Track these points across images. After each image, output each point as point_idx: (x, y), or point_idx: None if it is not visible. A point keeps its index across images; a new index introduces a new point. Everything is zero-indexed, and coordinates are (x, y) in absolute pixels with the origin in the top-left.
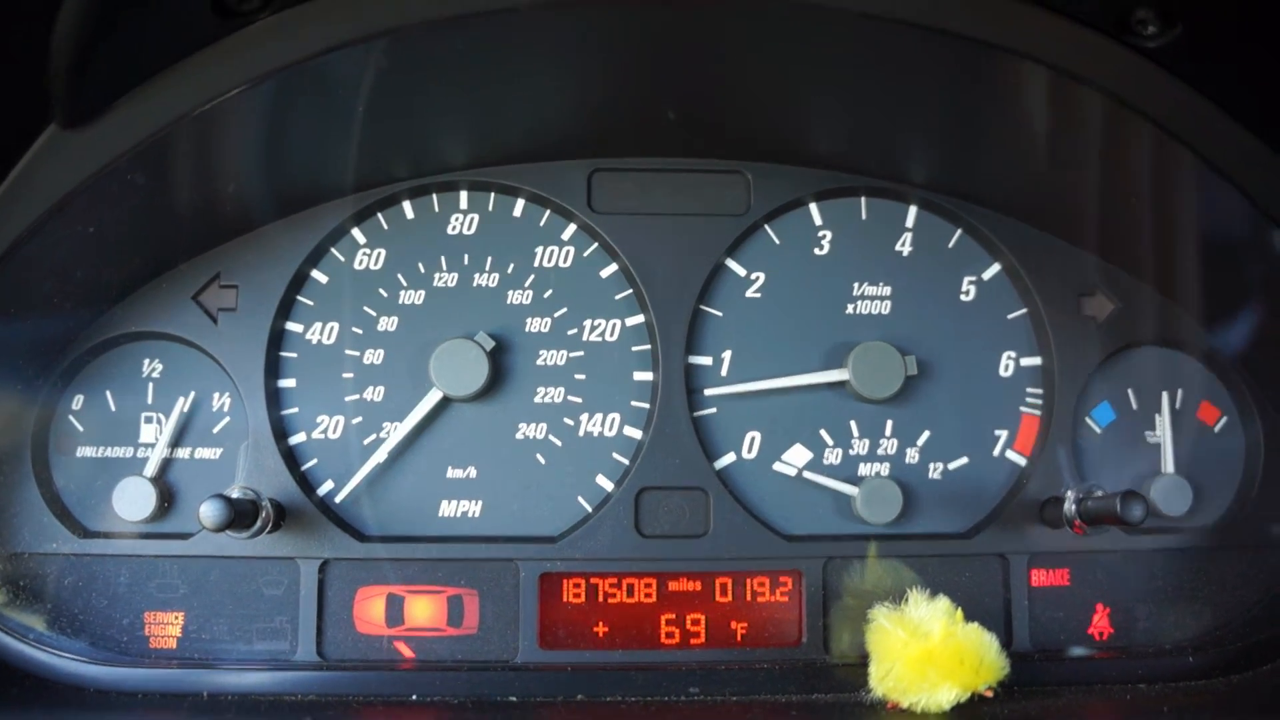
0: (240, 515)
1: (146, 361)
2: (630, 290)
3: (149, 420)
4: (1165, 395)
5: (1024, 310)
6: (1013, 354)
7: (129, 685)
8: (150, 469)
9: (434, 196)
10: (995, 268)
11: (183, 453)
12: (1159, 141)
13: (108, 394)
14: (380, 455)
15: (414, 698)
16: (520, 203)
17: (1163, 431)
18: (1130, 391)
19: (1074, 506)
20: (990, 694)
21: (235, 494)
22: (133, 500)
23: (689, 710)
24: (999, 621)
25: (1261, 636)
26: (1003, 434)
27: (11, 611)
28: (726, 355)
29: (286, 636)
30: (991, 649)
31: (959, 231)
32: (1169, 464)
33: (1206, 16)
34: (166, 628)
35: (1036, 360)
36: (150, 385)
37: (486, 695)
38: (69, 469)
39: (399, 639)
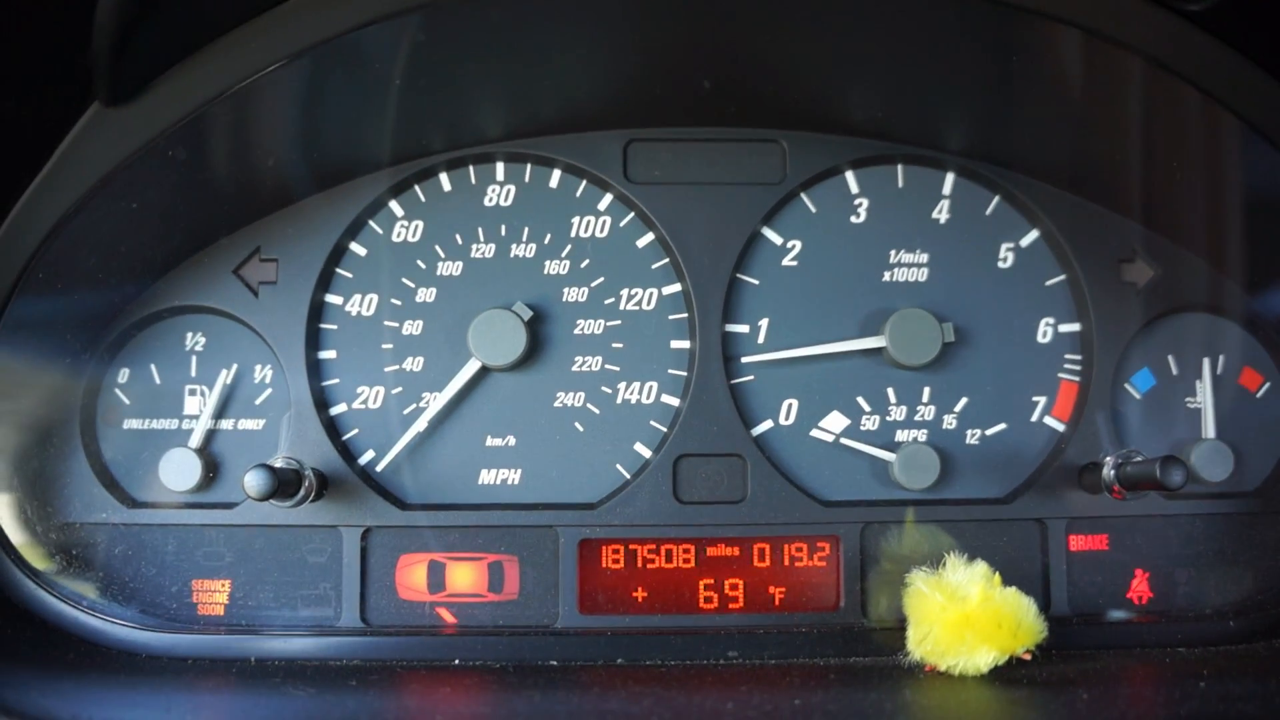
0: (284, 485)
1: (189, 335)
2: (667, 259)
3: (193, 393)
4: (1206, 361)
5: (1063, 277)
6: (1051, 320)
7: (179, 651)
8: (195, 440)
9: (470, 168)
10: (1034, 234)
11: (226, 424)
12: (1201, 105)
13: (152, 367)
14: (420, 425)
15: (456, 662)
16: (556, 173)
17: (1204, 397)
18: (1170, 357)
19: (1113, 472)
20: (1028, 657)
21: (279, 464)
22: (179, 471)
23: (728, 673)
24: (1037, 586)
25: None
26: (1041, 400)
27: (64, 579)
28: (763, 323)
29: (330, 603)
30: (1029, 612)
31: (997, 198)
32: (1210, 429)
33: None
34: (214, 595)
35: (1075, 327)
36: (193, 358)
37: (527, 659)
38: (116, 441)
39: (441, 605)
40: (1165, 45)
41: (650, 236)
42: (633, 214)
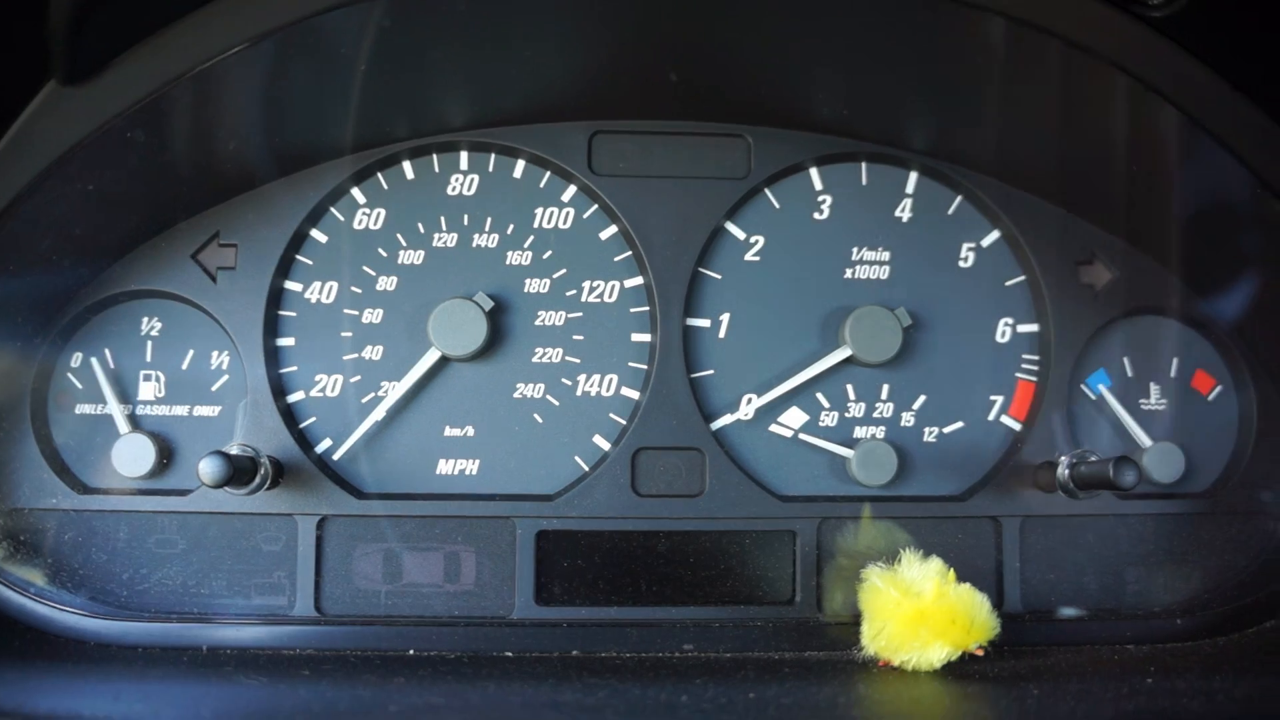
0: (239, 472)
1: (146, 319)
2: (629, 252)
3: (148, 378)
4: (1160, 363)
5: (1022, 277)
6: (1010, 320)
7: (129, 639)
8: (148, 426)
9: (434, 157)
10: (995, 235)
11: (181, 410)
12: (1160, 111)
13: (107, 352)
14: (378, 414)
15: (411, 652)
16: (521, 164)
17: (1157, 399)
18: (1126, 359)
19: (1067, 471)
20: (981, 653)
21: (234, 451)
22: (132, 457)
23: (683, 666)
24: (991, 583)
25: (1247, 601)
26: (998, 399)
27: (11, 566)
28: (724, 318)
29: (285, 592)
30: (983, 609)
31: (959, 198)
32: (1162, 431)
33: None
34: (165, 583)
35: (1034, 327)
36: (149, 343)
37: (483, 650)
38: (68, 425)
39: (396, 595)
40: (1129, 50)
41: (613, 229)
42: (596, 206)
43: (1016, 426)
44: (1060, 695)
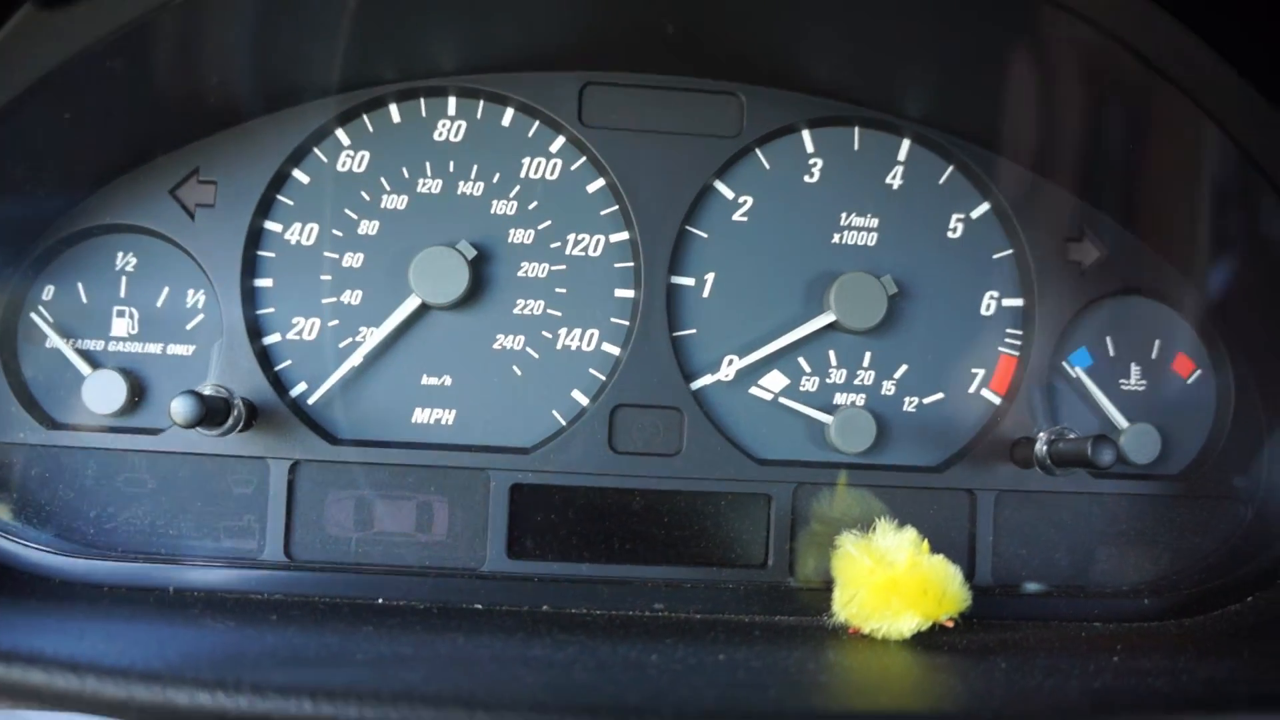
0: (212, 413)
1: (120, 254)
2: (616, 206)
3: (121, 314)
4: (1143, 344)
5: (1010, 251)
6: (995, 294)
7: (95, 577)
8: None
9: (421, 101)
10: (984, 207)
11: (155, 348)
12: (1155, 86)
13: (80, 286)
14: (355, 359)
15: (380, 601)
16: (509, 112)
17: (1137, 379)
18: (1109, 339)
19: (1045, 448)
20: (950, 624)
21: (207, 391)
22: (103, 393)
23: (653, 625)
24: (963, 555)
25: (1215, 584)
26: (980, 372)
27: None
28: (709, 277)
29: (254, 535)
30: (955, 581)
31: (951, 168)
32: (1141, 412)
33: None
34: (133, 522)
35: (1018, 302)
36: (124, 279)
37: (452, 601)
38: (37, 359)
39: (367, 543)
40: (1126, 22)
41: (601, 182)
42: (584, 158)
43: (996, 400)
44: (1027, 670)
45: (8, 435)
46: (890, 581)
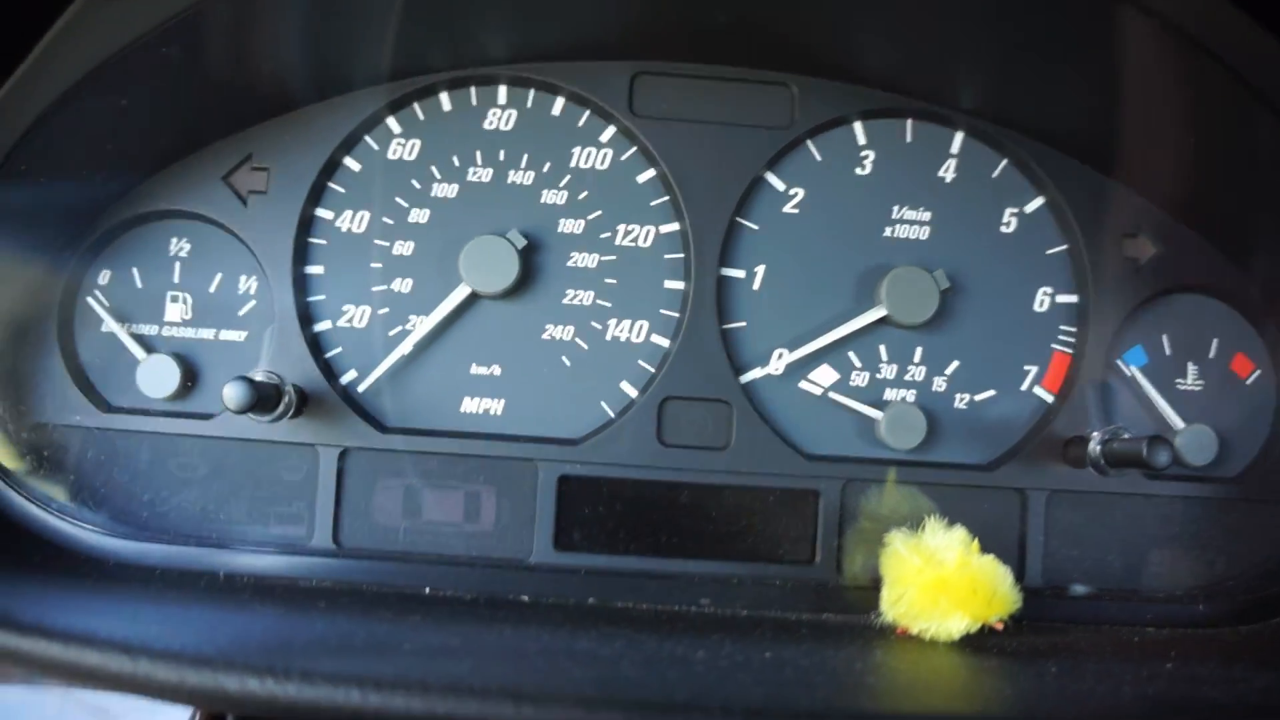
0: (263, 399)
1: (174, 240)
2: (667, 197)
3: (175, 299)
4: (1200, 343)
5: (1064, 247)
6: (1049, 290)
7: (147, 560)
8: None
9: (472, 89)
10: (1039, 201)
11: (207, 334)
12: (1222, 82)
13: (135, 270)
14: (405, 347)
15: (427, 590)
16: (560, 101)
17: (1194, 379)
18: (1165, 337)
19: (1099, 447)
20: (1000, 626)
21: (259, 377)
22: (156, 378)
23: (700, 620)
24: (1014, 555)
25: (1273, 590)
26: (1032, 369)
27: (34, 481)
28: (760, 269)
29: (303, 522)
30: (1005, 582)
31: (1005, 161)
32: (1197, 413)
33: None
34: (185, 507)
35: (1073, 298)
36: (177, 264)
37: (499, 592)
38: (94, 343)
39: (415, 532)
40: (1190, 15)
41: (651, 172)
42: (635, 148)
43: (1049, 398)
44: (1078, 675)
45: (64, 418)
46: (939, 581)
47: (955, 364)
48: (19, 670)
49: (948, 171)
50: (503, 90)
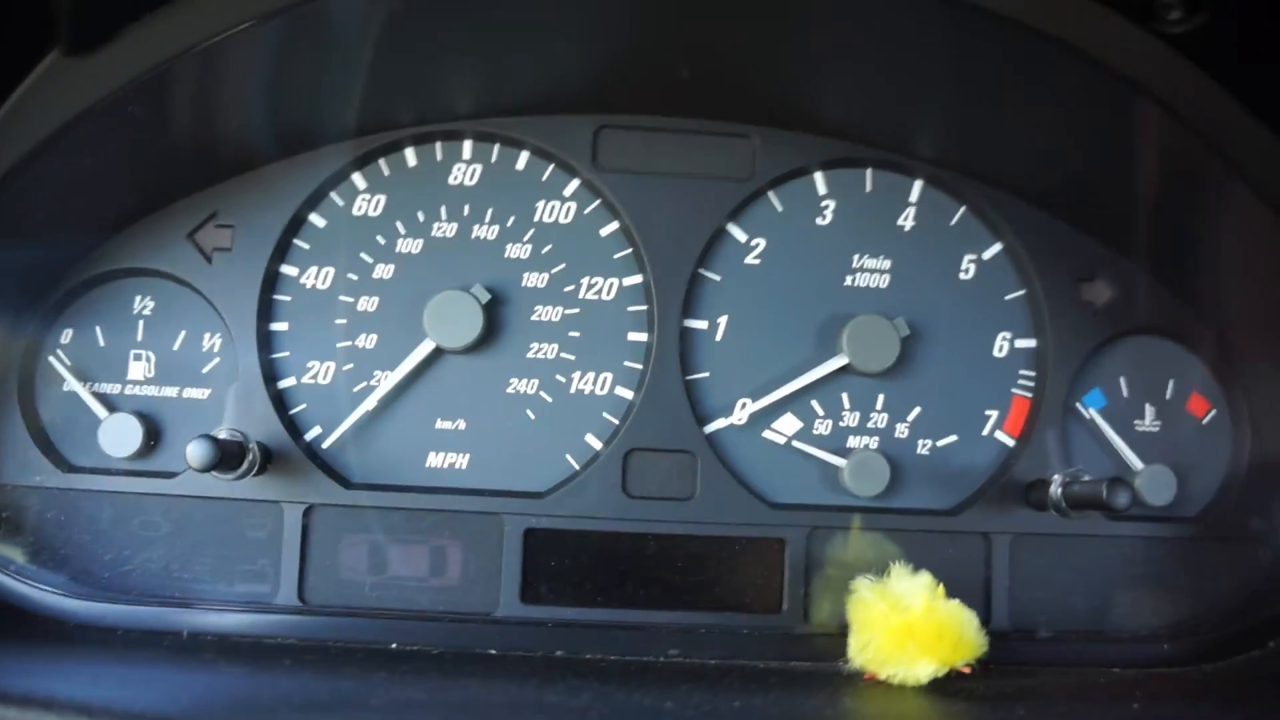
0: (227, 456)
1: (138, 298)
2: (630, 250)
3: (138, 358)
4: (1156, 384)
5: (1022, 292)
6: (1008, 335)
7: (109, 621)
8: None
9: (437, 145)
10: (996, 247)
11: (171, 391)
12: (1172, 130)
13: (98, 329)
14: (370, 403)
15: (394, 645)
16: (524, 155)
17: (1152, 420)
18: (1122, 379)
19: (1060, 490)
20: (967, 670)
21: (223, 435)
22: (119, 437)
23: (668, 671)
24: (979, 599)
25: (1236, 628)
26: (993, 414)
27: None
28: (722, 320)
29: (268, 579)
30: (971, 626)
31: (963, 209)
32: (1156, 453)
33: (1231, 5)
34: (148, 566)
35: (1031, 343)
36: (141, 322)
37: (466, 646)
38: (55, 403)
39: (381, 587)
40: (1145, 66)
41: (615, 225)
42: (599, 201)
43: (1010, 443)
44: (1046, 717)
45: (24, 479)
46: (906, 626)
47: (917, 410)
48: None
49: (907, 220)
50: (468, 145)
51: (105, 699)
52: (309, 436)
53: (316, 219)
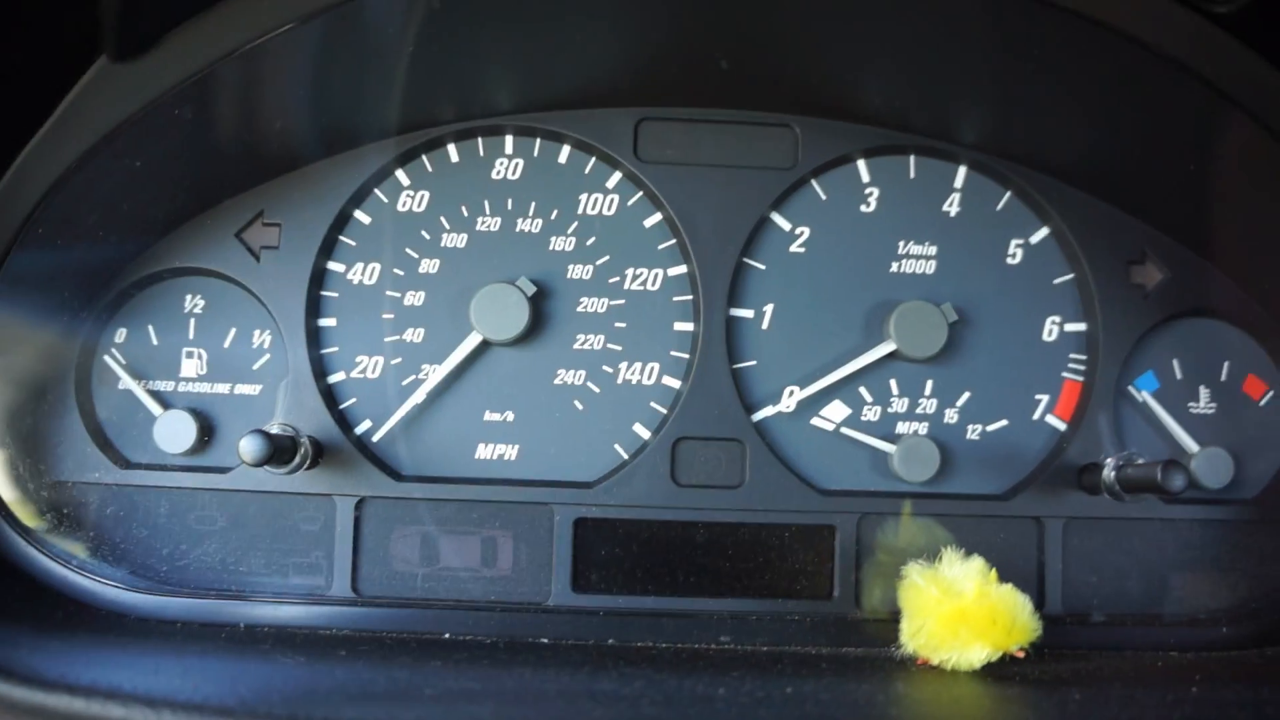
0: (279, 451)
1: (189, 297)
2: (674, 240)
3: (190, 355)
4: (1211, 366)
5: (1071, 275)
6: (1057, 319)
7: (167, 614)
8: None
9: (479, 140)
10: (1044, 231)
11: (223, 388)
12: (1219, 109)
13: (150, 328)
14: (418, 396)
15: (447, 635)
16: (566, 149)
17: (1206, 403)
18: (1175, 362)
19: (1113, 473)
20: (1021, 654)
21: (274, 430)
22: (173, 433)
23: (720, 658)
24: (1032, 584)
25: None
26: (1043, 398)
27: (55, 538)
28: (768, 309)
29: (322, 572)
30: (1024, 610)
31: (1008, 194)
32: (1211, 435)
33: None
34: (204, 559)
35: (1081, 326)
36: (192, 321)
37: (518, 636)
38: (111, 401)
39: (433, 578)
40: (1188, 46)
41: (658, 216)
42: (641, 193)
43: (1061, 426)
44: (1102, 701)
45: (84, 475)
46: (958, 611)
47: (966, 395)
48: None
49: (952, 205)
50: (509, 140)
51: (167, 689)
52: (359, 430)
53: (361, 216)
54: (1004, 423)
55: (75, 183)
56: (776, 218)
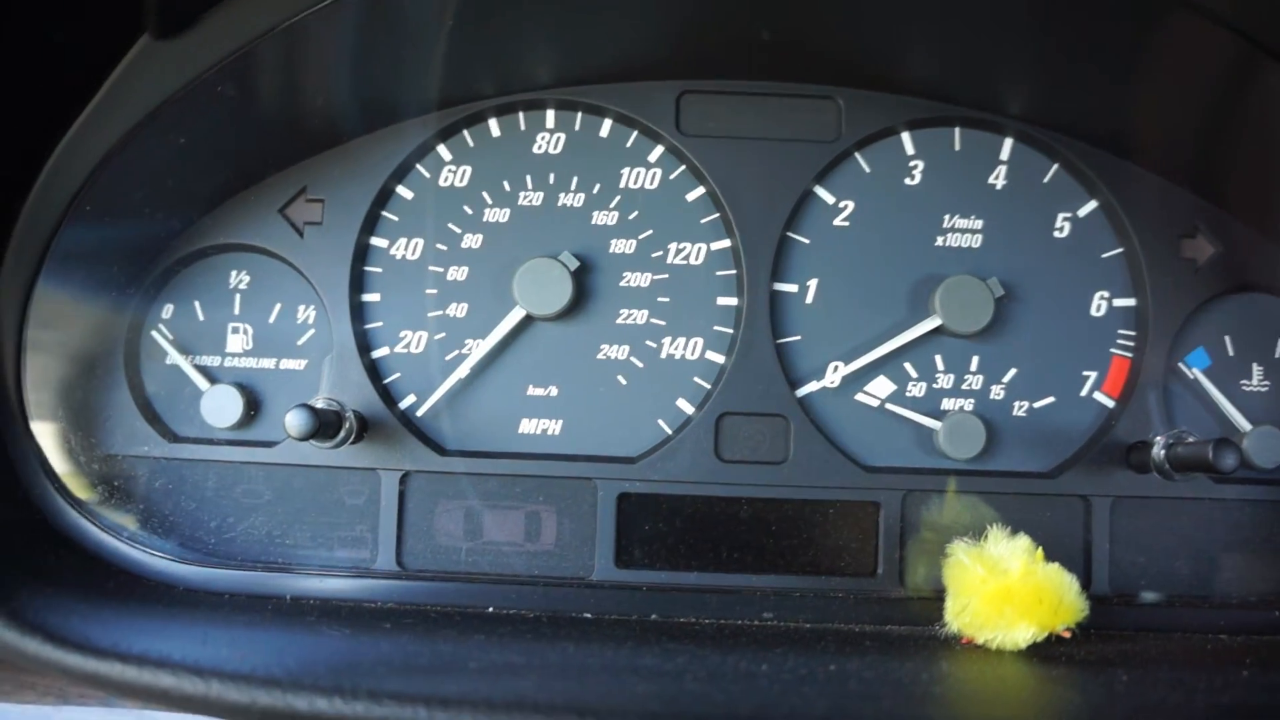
0: (324, 425)
1: (234, 273)
2: (717, 214)
3: (235, 331)
4: (1264, 343)
5: (1120, 250)
6: (1106, 294)
7: (215, 585)
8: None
9: (520, 115)
10: (1092, 205)
11: (268, 363)
12: (1274, 76)
13: (196, 304)
14: (462, 371)
15: (490, 609)
16: (607, 123)
17: (1259, 380)
18: (1227, 338)
19: (1163, 452)
20: (1067, 634)
21: (320, 404)
22: (220, 407)
23: (762, 634)
24: (1079, 563)
25: None
26: (1091, 375)
27: (105, 510)
28: (812, 283)
29: (367, 545)
30: (1071, 590)
31: (1055, 166)
32: (1265, 414)
33: None
34: (251, 532)
35: (1130, 301)
36: (237, 296)
37: (562, 610)
38: (159, 376)
39: (476, 552)
40: (1244, 12)
41: (701, 190)
42: (684, 167)
43: (1110, 404)
44: (1150, 683)
45: (132, 449)
46: (1004, 590)
47: (1013, 371)
48: (97, 692)
49: (998, 178)
50: (550, 114)
51: (215, 659)
52: (403, 405)
53: (404, 191)
54: (1051, 399)
55: (121, 160)
56: (820, 191)
